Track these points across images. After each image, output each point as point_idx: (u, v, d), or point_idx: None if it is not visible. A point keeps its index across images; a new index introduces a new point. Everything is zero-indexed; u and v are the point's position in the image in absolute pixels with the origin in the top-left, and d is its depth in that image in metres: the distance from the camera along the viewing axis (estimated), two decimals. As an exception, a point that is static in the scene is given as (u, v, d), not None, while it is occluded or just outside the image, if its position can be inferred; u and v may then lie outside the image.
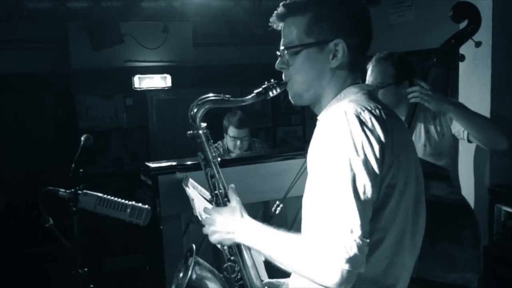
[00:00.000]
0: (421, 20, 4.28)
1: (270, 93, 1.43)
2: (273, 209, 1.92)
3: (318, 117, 1.39)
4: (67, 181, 1.94)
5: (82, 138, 2.12)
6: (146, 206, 1.94)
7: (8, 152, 6.10)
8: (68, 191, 1.94)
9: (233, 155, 3.46)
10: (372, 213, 1.18)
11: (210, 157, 1.51)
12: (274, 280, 1.63)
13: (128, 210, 1.91)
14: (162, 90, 5.99)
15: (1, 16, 4.78)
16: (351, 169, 1.13)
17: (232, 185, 1.52)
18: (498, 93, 2.84)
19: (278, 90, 1.43)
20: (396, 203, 1.23)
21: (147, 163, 2.67)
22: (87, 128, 5.57)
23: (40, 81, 5.86)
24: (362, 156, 1.15)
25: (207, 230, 1.47)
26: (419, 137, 2.62)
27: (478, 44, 2.34)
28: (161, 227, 2.52)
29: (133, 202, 1.95)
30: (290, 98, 1.43)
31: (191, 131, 1.50)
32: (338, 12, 1.32)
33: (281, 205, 1.82)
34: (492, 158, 2.88)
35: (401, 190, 1.24)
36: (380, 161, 1.17)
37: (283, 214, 2.63)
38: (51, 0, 4.75)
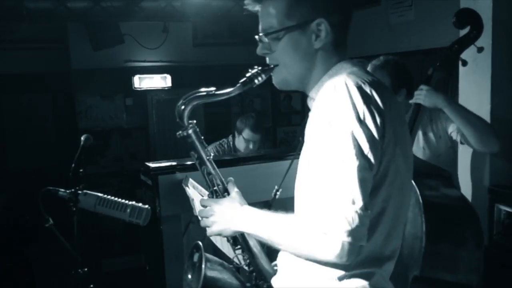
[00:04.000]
0: (421, 20, 4.28)
1: (256, 81, 1.38)
2: (272, 194, 1.90)
3: (309, 95, 1.36)
4: (67, 181, 1.94)
5: (82, 138, 2.11)
6: (146, 206, 1.93)
7: (8, 152, 6.09)
8: (68, 191, 1.94)
9: (233, 155, 3.46)
10: (373, 187, 1.16)
11: (204, 155, 1.47)
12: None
13: (128, 210, 1.91)
14: (162, 90, 5.99)
15: (1, 16, 4.78)
16: (354, 140, 1.12)
17: (231, 178, 1.49)
18: (498, 95, 2.84)
19: (264, 77, 1.38)
20: (394, 176, 1.21)
21: (147, 163, 2.67)
22: (87, 128, 5.56)
23: (40, 81, 5.85)
24: (364, 127, 1.13)
25: (205, 222, 1.43)
26: (417, 140, 2.63)
27: (480, 49, 2.37)
28: (161, 227, 2.52)
29: (133, 202, 1.94)
30: (274, 83, 1.38)
31: (180, 132, 1.44)
32: None
33: (280, 190, 1.80)
34: (492, 158, 2.88)
35: (400, 163, 1.22)
36: (382, 133, 1.16)
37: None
38: (51, 0, 4.74)
